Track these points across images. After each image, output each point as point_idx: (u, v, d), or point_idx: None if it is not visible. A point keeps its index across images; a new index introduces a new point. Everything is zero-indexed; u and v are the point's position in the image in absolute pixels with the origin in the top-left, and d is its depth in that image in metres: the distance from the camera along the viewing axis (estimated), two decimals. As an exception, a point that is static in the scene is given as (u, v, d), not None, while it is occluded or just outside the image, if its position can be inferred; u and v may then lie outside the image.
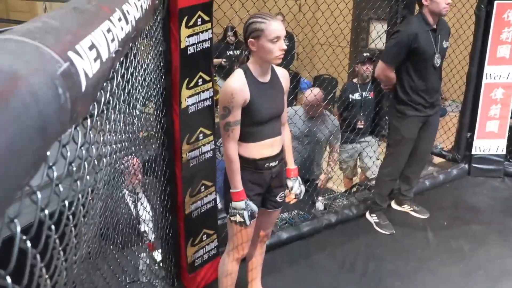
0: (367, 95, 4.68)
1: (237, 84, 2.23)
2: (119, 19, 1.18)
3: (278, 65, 2.37)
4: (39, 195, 0.75)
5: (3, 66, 0.60)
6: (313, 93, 4.14)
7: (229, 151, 2.29)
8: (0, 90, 0.56)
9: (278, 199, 2.56)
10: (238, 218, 2.33)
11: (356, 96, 4.71)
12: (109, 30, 1.06)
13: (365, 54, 4.75)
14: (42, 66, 0.69)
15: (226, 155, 2.31)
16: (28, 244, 0.74)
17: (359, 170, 5.10)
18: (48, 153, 0.75)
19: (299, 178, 2.59)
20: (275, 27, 2.19)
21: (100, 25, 1.02)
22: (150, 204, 3.18)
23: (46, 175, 0.80)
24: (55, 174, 0.83)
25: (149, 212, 3.10)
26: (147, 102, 2.42)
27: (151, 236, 3.19)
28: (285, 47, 2.25)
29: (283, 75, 2.44)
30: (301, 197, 2.63)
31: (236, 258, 2.57)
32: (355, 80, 4.82)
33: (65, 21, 0.90)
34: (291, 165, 2.58)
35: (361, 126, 4.65)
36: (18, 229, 0.67)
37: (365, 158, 4.80)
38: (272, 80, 2.36)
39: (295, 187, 2.55)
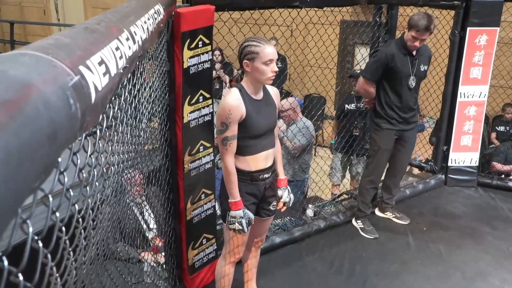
0: (361, 105, 4.68)
1: (234, 101, 2.22)
2: (127, 39, 1.17)
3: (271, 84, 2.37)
4: (50, 198, 0.73)
5: (17, 76, 0.59)
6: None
7: (227, 164, 2.26)
8: (14, 97, 0.54)
9: (271, 207, 2.53)
10: (236, 226, 2.30)
11: (352, 106, 4.73)
12: (117, 48, 1.04)
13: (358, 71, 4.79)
14: (55, 77, 0.68)
15: (224, 168, 2.28)
16: (40, 244, 0.71)
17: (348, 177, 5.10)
18: (59, 159, 0.73)
19: (288, 188, 2.57)
20: (269, 51, 2.20)
21: (109, 43, 1.01)
22: (154, 211, 3.15)
23: (57, 180, 0.78)
24: (66, 179, 0.81)
25: (153, 218, 3.07)
26: (152, 117, 2.40)
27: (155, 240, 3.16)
28: (277, 69, 2.24)
29: (274, 93, 2.44)
30: (290, 205, 2.60)
31: (231, 262, 2.53)
32: (353, 92, 4.84)
33: (77, 38, 0.89)
34: (281, 175, 2.55)
35: (357, 133, 4.65)
36: (31, 229, 0.65)
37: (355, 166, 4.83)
38: (265, 97, 2.35)
39: (285, 195, 2.53)
